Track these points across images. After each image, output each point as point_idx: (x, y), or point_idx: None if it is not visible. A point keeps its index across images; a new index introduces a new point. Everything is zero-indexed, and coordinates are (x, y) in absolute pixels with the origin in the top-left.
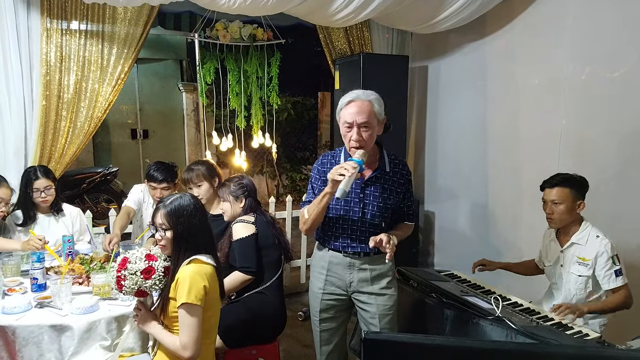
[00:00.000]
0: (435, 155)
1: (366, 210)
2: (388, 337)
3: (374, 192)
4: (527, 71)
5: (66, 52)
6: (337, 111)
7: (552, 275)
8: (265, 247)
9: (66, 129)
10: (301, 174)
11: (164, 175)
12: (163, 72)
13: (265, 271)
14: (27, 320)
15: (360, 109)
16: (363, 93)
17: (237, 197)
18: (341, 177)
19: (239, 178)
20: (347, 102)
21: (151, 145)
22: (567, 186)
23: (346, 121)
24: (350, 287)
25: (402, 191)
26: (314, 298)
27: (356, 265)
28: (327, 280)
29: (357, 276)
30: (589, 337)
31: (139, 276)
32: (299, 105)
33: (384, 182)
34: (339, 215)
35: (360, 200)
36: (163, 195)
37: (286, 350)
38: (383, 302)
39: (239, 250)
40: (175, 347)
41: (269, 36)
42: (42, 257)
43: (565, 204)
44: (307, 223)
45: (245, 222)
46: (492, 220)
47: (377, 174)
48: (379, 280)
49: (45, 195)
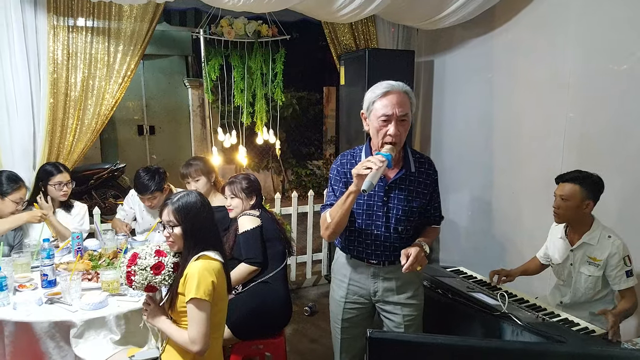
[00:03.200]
0: (441, 150)
1: (390, 214)
2: (393, 336)
3: (399, 195)
4: (531, 66)
5: (73, 49)
6: (366, 104)
7: (561, 273)
8: (269, 240)
9: (74, 127)
10: (306, 169)
11: (149, 187)
12: (169, 68)
13: (270, 261)
14: (38, 316)
15: (399, 100)
16: (397, 84)
17: (248, 195)
18: (368, 170)
19: (246, 175)
20: (382, 94)
21: (158, 142)
22: (577, 183)
23: (384, 114)
24: (374, 296)
25: (429, 192)
26: (335, 306)
27: (380, 274)
28: (349, 289)
29: (382, 285)
30: (595, 333)
31: (149, 272)
32: (304, 100)
33: (409, 184)
34: (361, 220)
35: (384, 204)
36: (153, 204)
37: (292, 345)
38: (409, 312)
39: (244, 242)
40: (184, 342)
41: (273, 32)
42: (51, 253)
43: (571, 201)
44: (330, 227)
45: (250, 215)
46: (497, 216)
47: (401, 174)
48: (406, 289)
49: (67, 190)
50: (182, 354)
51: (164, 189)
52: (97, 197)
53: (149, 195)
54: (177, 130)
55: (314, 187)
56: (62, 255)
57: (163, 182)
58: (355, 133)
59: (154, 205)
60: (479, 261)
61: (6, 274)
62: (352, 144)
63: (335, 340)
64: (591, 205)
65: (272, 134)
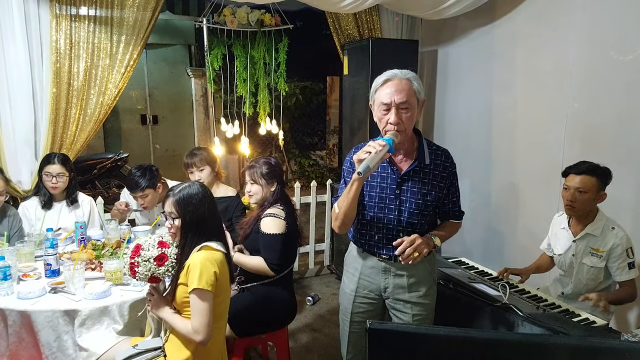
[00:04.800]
0: (443, 140)
1: (403, 208)
2: (392, 327)
3: (412, 188)
4: (535, 56)
5: (76, 39)
6: (371, 94)
7: (563, 264)
8: (289, 242)
9: (77, 116)
10: (310, 159)
11: (140, 184)
12: (172, 57)
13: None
14: (41, 305)
15: (398, 88)
16: (400, 71)
17: (269, 181)
18: (367, 154)
19: (267, 160)
20: (382, 82)
21: (161, 131)
22: (593, 175)
23: (383, 102)
24: (385, 292)
25: (446, 185)
26: (345, 298)
27: (392, 270)
28: (359, 284)
29: (393, 282)
30: (596, 324)
31: (152, 263)
32: (308, 90)
33: (423, 176)
34: (373, 213)
35: (397, 197)
36: (145, 202)
37: (295, 335)
38: (419, 311)
39: (267, 244)
40: (187, 331)
41: (276, 21)
42: (55, 243)
43: (590, 193)
44: (338, 218)
45: (277, 218)
46: (498, 206)
47: (415, 166)
48: (417, 287)
49: (56, 182)
50: (185, 343)
51: (157, 187)
52: (100, 186)
53: (140, 192)
54: (180, 119)
55: (317, 177)
56: (66, 244)
57: (155, 179)
58: (358, 123)
59: (146, 204)
60: (480, 252)
61: (10, 263)
62: (355, 134)
63: (343, 333)
64: (605, 195)
65: (275, 124)
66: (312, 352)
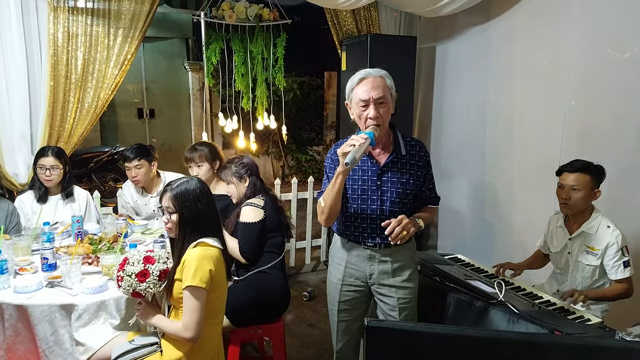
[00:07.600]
0: (440, 136)
1: (384, 198)
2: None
3: (392, 178)
4: (533, 53)
5: (73, 32)
6: (347, 93)
7: (558, 262)
8: (271, 231)
9: (74, 110)
10: (307, 154)
11: (134, 154)
12: (169, 51)
13: (270, 253)
14: (38, 300)
15: (374, 85)
16: (373, 70)
17: (240, 177)
18: (351, 147)
19: (239, 158)
20: (358, 81)
21: (158, 125)
22: (587, 173)
23: (361, 99)
24: (370, 279)
25: (422, 174)
26: (332, 289)
27: (377, 257)
28: (346, 272)
29: (378, 268)
30: (591, 322)
31: (134, 279)
32: (305, 85)
33: (400, 167)
34: (356, 205)
35: (378, 188)
36: (138, 175)
37: (291, 330)
38: (404, 294)
39: (242, 232)
40: (177, 330)
41: (275, 16)
42: (52, 237)
43: (584, 190)
44: (324, 212)
45: (254, 206)
46: (495, 203)
47: (392, 158)
48: (401, 272)
49: (50, 175)
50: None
51: (152, 164)
52: (96, 180)
53: (136, 161)
54: (177, 113)
55: (314, 172)
56: (62, 238)
57: (151, 154)
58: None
59: (139, 176)
60: (476, 249)
61: (7, 257)
62: (353, 129)
63: (333, 323)
64: (599, 193)
65: (273, 119)
66: (308, 346)
